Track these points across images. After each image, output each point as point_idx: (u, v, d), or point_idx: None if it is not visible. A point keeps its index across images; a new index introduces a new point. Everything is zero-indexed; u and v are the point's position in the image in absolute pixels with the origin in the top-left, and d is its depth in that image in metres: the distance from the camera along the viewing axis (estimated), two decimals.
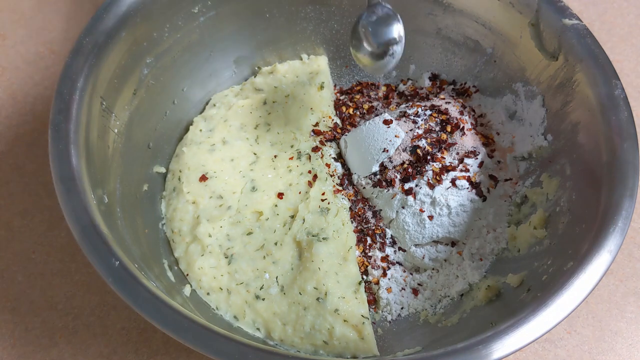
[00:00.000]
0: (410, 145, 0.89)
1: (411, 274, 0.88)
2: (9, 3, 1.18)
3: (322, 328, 0.78)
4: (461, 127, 0.91)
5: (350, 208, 0.92)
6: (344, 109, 1.03)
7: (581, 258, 0.65)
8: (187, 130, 0.98)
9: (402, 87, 1.05)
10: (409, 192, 0.87)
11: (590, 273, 0.64)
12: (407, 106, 0.96)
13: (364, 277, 0.88)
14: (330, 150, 0.96)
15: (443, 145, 0.90)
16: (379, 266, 0.88)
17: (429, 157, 0.88)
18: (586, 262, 0.64)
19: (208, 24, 0.94)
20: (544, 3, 0.84)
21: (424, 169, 0.88)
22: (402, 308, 0.86)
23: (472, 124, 0.94)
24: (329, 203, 0.88)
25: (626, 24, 1.20)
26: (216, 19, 0.94)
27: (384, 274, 0.88)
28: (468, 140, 0.91)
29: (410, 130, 0.90)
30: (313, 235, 0.85)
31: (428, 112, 0.92)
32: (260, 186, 0.92)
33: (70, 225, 0.65)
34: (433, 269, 0.88)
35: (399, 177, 0.89)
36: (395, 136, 0.89)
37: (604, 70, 0.77)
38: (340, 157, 0.98)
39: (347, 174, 0.96)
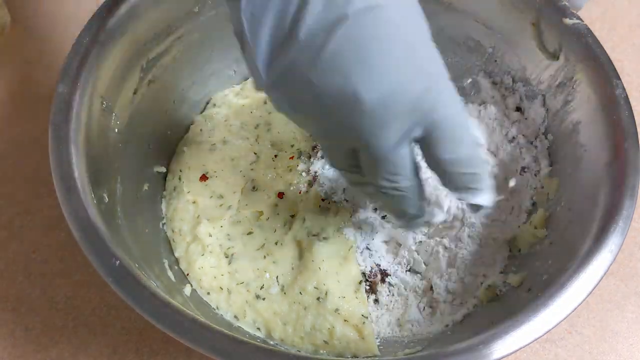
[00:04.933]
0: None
1: None
2: None
3: (323, 328, 0.78)
4: None
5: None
6: None
7: (582, 258, 0.65)
8: (187, 130, 0.98)
9: None
10: None
11: (591, 273, 0.63)
12: None
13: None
14: None
15: None
16: None
17: None
18: (587, 262, 0.64)
19: (208, 23, 0.94)
20: (545, 3, 0.84)
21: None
22: None
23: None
24: (329, 203, 0.88)
25: (627, 24, 1.19)
26: (216, 18, 0.94)
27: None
28: None
29: None
30: (313, 235, 0.85)
31: None
32: (261, 186, 0.91)
33: (70, 225, 0.65)
34: None
35: None
36: None
37: (604, 69, 0.77)
38: None
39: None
